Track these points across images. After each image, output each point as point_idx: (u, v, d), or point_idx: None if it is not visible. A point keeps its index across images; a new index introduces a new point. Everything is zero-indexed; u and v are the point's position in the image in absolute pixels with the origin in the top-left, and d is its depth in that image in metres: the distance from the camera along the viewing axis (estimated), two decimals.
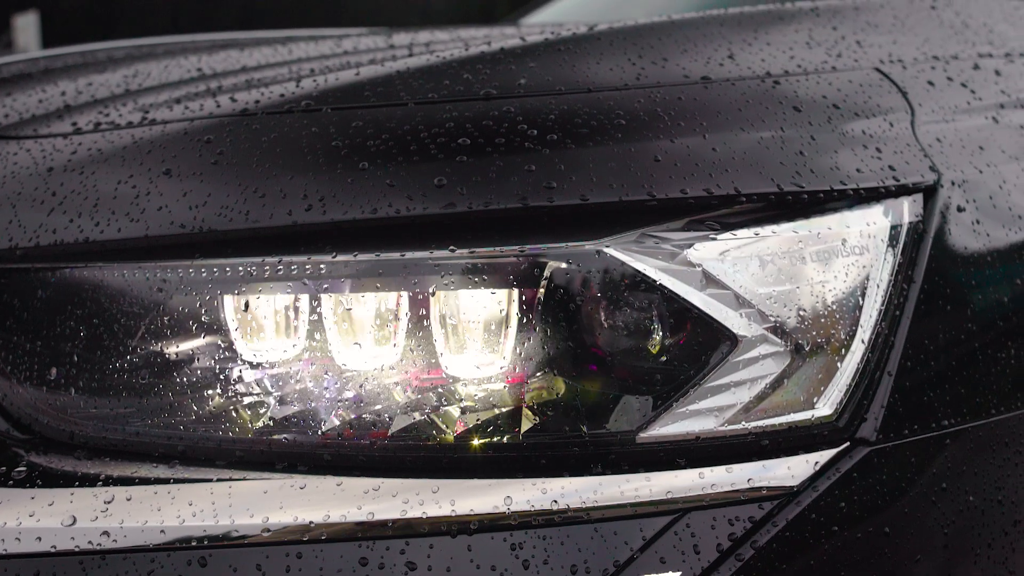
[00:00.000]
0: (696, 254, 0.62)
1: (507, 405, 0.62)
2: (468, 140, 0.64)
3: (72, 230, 0.67)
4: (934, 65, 0.87)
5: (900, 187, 0.68)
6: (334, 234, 0.63)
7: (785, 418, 0.63)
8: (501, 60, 0.76)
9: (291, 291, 0.63)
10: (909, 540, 0.65)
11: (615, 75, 0.73)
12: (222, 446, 0.64)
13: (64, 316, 0.68)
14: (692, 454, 0.61)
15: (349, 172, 0.64)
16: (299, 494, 0.60)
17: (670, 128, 0.66)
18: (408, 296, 0.62)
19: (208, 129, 0.71)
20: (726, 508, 0.60)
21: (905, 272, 0.67)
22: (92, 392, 0.67)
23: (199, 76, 0.95)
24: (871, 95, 0.76)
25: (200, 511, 0.60)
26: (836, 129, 0.70)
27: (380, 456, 0.62)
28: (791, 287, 0.64)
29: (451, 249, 0.61)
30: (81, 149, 0.74)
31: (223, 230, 0.63)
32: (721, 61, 0.77)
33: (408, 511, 0.58)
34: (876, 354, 0.65)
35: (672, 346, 0.62)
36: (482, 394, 0.62)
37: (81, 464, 0.65)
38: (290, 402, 0.64)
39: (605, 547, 0.58)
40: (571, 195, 0.61)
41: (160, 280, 0.66)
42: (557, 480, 0.60)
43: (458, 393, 0.63)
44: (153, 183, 0.68)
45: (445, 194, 0.61)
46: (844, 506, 0.62)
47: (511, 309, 0.61)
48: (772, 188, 0.63)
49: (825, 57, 0.82)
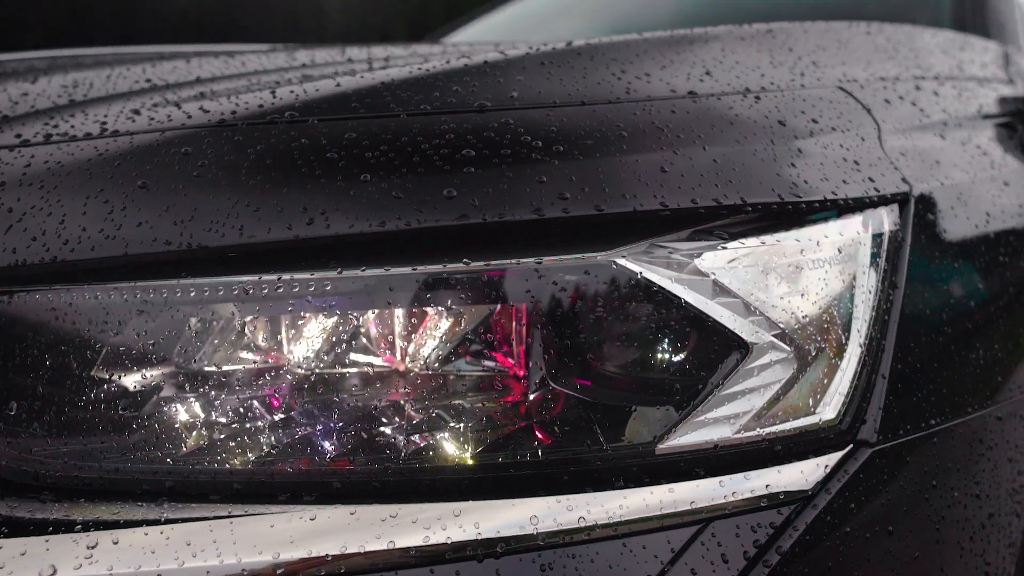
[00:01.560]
0: (705, 263, 0.62)
1: (525, 421, 0.60)
2: (473, 151, 0.63)
3: (36, 249, 0.61)
4: (885, 85, 0.92)
5: (880, 197, 0.71)
6: (337, 249, 0.60)
7: (794, 423, 0.64)
8: (488, 73, 0.75)
9: (292, 309, 0.59)
10: (908, 537, 0.67)
11: (604, 89, 0.73)
12: (217, 479, 0.59)
13: (26, 344, 0.61)
14: (710, 463, 0.61)
15: (351, 184, 0.61)
16: (310, 526, 0.56)
17: (671, 140, 0.66)
18: (421, 312, 0.59)
19: (184, 140, 0.67)
20: (748, 515, 0.60)
21: (890, 279, 0.70)
22: (60, 427, 0.61)
23: (150, 87, 0.89)
24: (841, 111, 0.79)
25: (201, 551, 0.55)
26: (818, 143, 0.73)
27: (395, 481, 0.59)
28: (793, 294, 0.65)
29: (465, 262, 0.59)
30: (36, 162, 0.68)
31: (215, 246, 0.59)
32: (701, 77, 0.78)
33: (431, 537, 0.56)
34: (871, 358, 0.67)
35: (687, 355, 0.62)
36: (499, 411, 0.60)
37: (51, 508, 0.59)
38: (293, 428, 0.60)
39: (635, 562, 0.57)
40: (585, 206, 0.60)
41: (141, 301, 0.61)
42: (581, 496, 0.58)
43: (475, 411, 0.60)
44: (128, 198, 0.63)
45: (456, 206, 0.60)
46: (854, 507, 0.63)
47: (527, 322, 0.60)
48: (774, 198, 0.64)
49: (791, 75, 0.85)
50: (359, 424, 0.60)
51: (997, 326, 0.81)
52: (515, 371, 0.60)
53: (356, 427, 0.60)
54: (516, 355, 0.60)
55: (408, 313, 0.60)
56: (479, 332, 0.60)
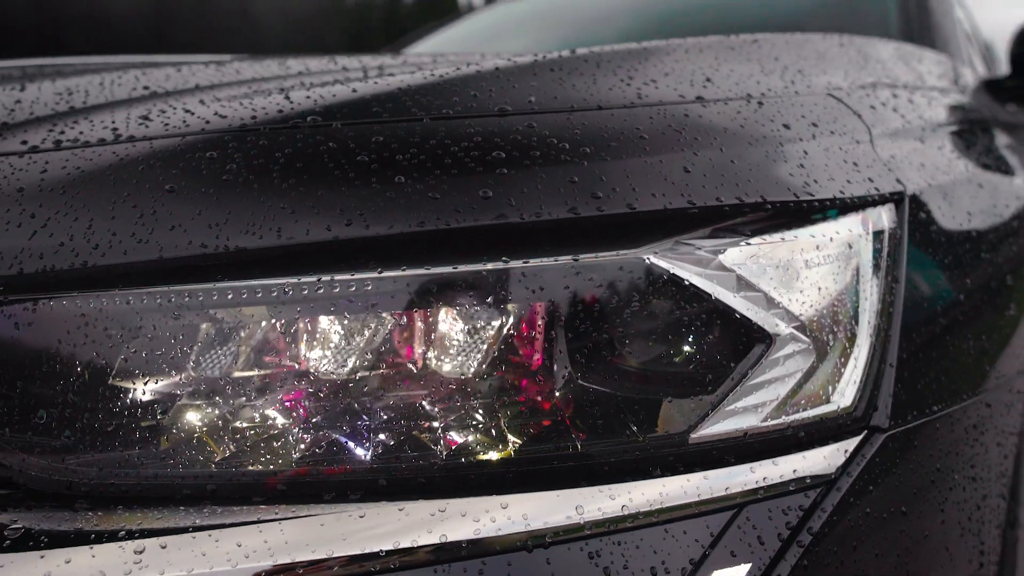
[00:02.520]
0: (728, 259, 0.65)
1: (564, 414, 0.62)
2: (503, 154, 0.64)
3: (64, 255, 0.61)
4: (867, 92, 0.97)
5: (880, 196, 0.75)
6: (375, 249, 0.60)
7: (815, 411, 0.66)
8: (501, 79, 0.76)
9: (333, 310, 0.60)
10: (919, 517, 0.70)
11: (617, 94, 0.76)
12: (261, 481, 0.59)
13: (54, 351, 0.61)
14: (740, 450, 0.64)
15: (386, 186, 0.62)
16: (360, 523, 0.57)
17: (689, 142, 0.69)
18: (461, 310, 0.60)
19: (208, 145, 0.67)
20: (778, 499, 0.62)
21: (892, 273, 0.74)
22: (94, 435, 0.60)
23: (150, 94, 0.88)
24: (835, 116, 0.83)
25: (253, 552, 0.55)
26: (820, 145, 0.76)
27: (441, 477, 0.59)
28: (808, 288, 0.68)
29: (504, 260, 0.60)
30: (52, 168, 0.67)
31: (254, 248, 0.59)
32: (704, 84, 0.81)
33: (481, 530, 0.57)
34: (879, 348, 0.71)
35: (716, 348, 0.64)
36: (540, 405, 0.62)
37: (88, 517, 0.58)
38: (336, 429, 0.60)
39: (678, 547, 0.59)
40: (618, 204, 0.62)
41: (176, 305, 0.60)
42: (622, 485, 0.60)
43: (516, 405, 0.62)
44: (158, 202, 0.62)
45: (493, 206, 0.61)
46: (872, 490, 0.66)
47: (565, 319, 0.61)
48: (790, 197, 0.68)
49: (784, 83, 0.89)
50: (402, 422, 0.60)
51: (982, 317, 0.85)
52: (554, 366, 0.62)
53: (399, 425, 0.60)
54: (555, 351, 0.61)
55: (449, 311, 0.61)
56: (519, 329, 0.61)
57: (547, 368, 0.62)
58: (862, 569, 0.64)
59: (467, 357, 0.61)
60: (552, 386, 0.62)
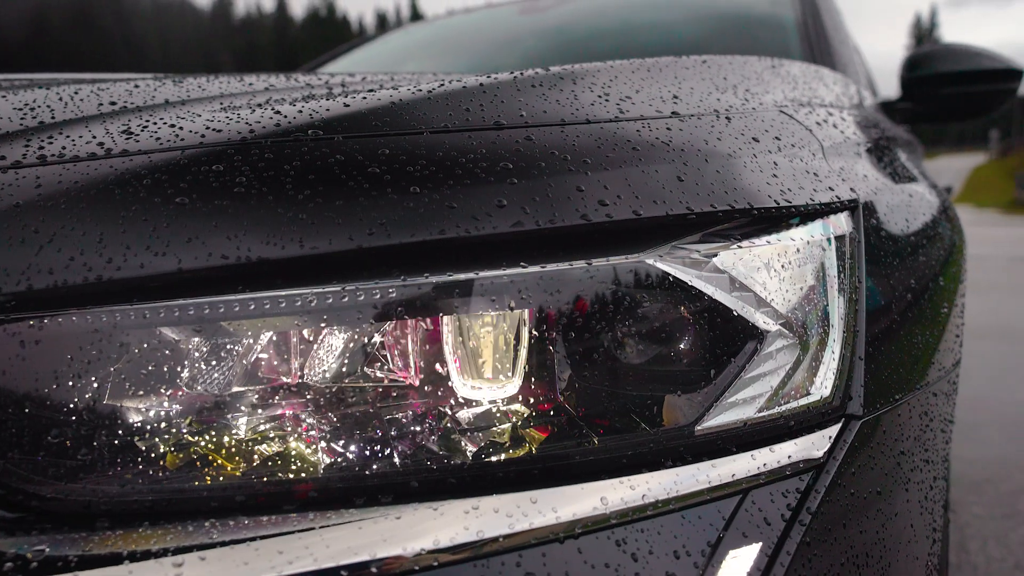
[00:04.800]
0: (721, 261, 0.70)
1: (583, 411, 0.65)
2: (510, 164, 0.67)
3: (76, 269, 0.59)
4: (809, 110, 1.04)
5: (841, 204, 0.82)
6: (397, 257, 0.62)
7: (801, 401, 0.72)
8: (488, 94, 0.79)
9: (360, 318, 0.61)
10: (891, 497, 0.77)
11: (600, 110, 0.80)
12: (290, 489, 0.59)
13: (66, 369, 0.59)
14: (741, 440, 0.68)
15: (403, 196, 0.63)
16: (398, 524, 0.58)
17: (677, 153, 0.74)
18: (484, 314, 0.63)
19: (211, 158, 0.67)
20: (778, 483, 0.67)
21: (855, 273, 0.80)
22: (112, 453, 0.59)
23: (121, 109, 0.86)
24: (792, 131, 0.90)
25: (296, 558, 0.55)
26: (786, 156, 0.83)
27: (471, 476, 0.61)
28: (789, 287, 0.73)
29: (522, 265, 0.63)
30: (47, 183, 0.66)
31: (276, 259, 0.60)
32: (673, 100, 0.87)
33: (515, 524, 0.59)
34: (850, 342, 0.77)
35: (715, 344, 0.68)
36: (560, 403, 0.64)
37: (113, 537, 0.57)
38: (365, 433, 0.61)
39: (695, 531, 0.62)
40: (624, 211, 0.66)
41: (196, 318, 0.60)
42: (640, 476, 0.63)
43: (538, 404, 0.64)
44: (170, 215, 0.62)
45: (509, 214, 0.64)
46: (854, 472, 0.72)
47: (582, 320, 0.64)
48: (772, 203, 0.73)
49: (740, 100, 0.95)
50: (430, 424, 0.62)
51: (924, 314, 0.93)
52: (570, 366, 0.64)
53: (428, 428, 0.62)
54: (572, 351, 0.64)
55: (471, 316, 0.63)
56: (540, 331, 0.64)
57: (564, 368, 0.64)
58: (851, 544, 0.70)
59: (490, 359, 0.63)
60: (569, 385, 0.65)
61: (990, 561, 2.74)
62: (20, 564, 0.54)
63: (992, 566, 2.70)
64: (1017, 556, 2.77)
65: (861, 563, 0.70)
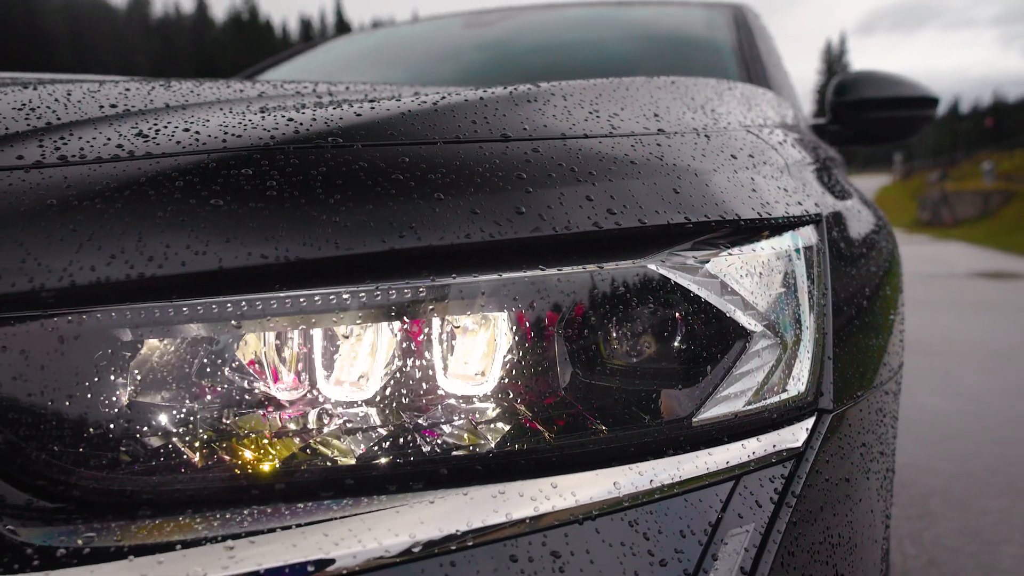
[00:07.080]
0: (712, 267, 0.76)
1: (595, 404, 0.70)
2: (523, 174, 0.72)
3: (118, 266, 0.61)
4: (769, 130, 1.13)
5: (809, 216, 0.90)
6: (427, 259, 0.66)
7: (781, 396, 0.79)
8: (489, 107, 0.84)
9: (394, 315, 0.64)
10: (857, 484, 0.84)
11: (593, 125, 0.86)
12: (328, 477, 0.62)
13: (105, 363, 0.61)
14: (732, 430, 0.75)
15: (429, 202, 0.68)
16: (433, 508, 0.62)
17: (671, 167, 0.80)
18: (507, 313, 0.67)
19: (239, 162, 0.69)
20: (766, 470, 0.74)
21: (823, 280, 0.88)
22: (154, 446, 0.61)
23: (124, 112, 0.87)
24: (760, 149, 0.98)
25: (341, 540, 0.58)
26: (761, 173, 0.90)
27: (496, 464, 0.65)
28: (770, 292, 0.81)
29: (541, 268, 0.68)
30: (75, 183, 0.67)
31: (313, 259, 0.63)
32: (655, 117, 0.93)
33: (539, 507, 0.63)
34: (820, 343, 0.85)
35: (709, 343, 0.75)
36: (574, 397, 0.70)
37: (158, 525, 0.59)
38: (397, 424, 0.65)
39: (697, 512, 0.68)
40: (631, 219, 0.72)
41: (235, 314, 0.63)
42: (647, 463, 0.69)
43: (555, 396, 0.69)
44: (207, 215, 0.64)
45: (528, 220, 0.69)
46: (828, 461, 0.79)
47: (594, 320, 0.70)
48: (755, 215, 0.80)
49: (710, 119, 1.03)
50: (458, 416, 0.66)
51: (876, 320, 1.02)
52: (582, 362, 0.70)
53: (456, 418, 0.66)
54: (585, 348, 0.70)
55: (495, 314, 0.67)
56: (559, 329, 0.69)
57: (577, 364, 0.70)
58: (828, 525, 0.77)
59: (516, 354, 0.68)
60: (583, 380, 0.70)
61: (906, 559, 2.91)
62: (71, 552, 0.56)
63: (908, 563, 2.87)
64: (931, 554, 2.95)
65: (835, 543, 0.78)
